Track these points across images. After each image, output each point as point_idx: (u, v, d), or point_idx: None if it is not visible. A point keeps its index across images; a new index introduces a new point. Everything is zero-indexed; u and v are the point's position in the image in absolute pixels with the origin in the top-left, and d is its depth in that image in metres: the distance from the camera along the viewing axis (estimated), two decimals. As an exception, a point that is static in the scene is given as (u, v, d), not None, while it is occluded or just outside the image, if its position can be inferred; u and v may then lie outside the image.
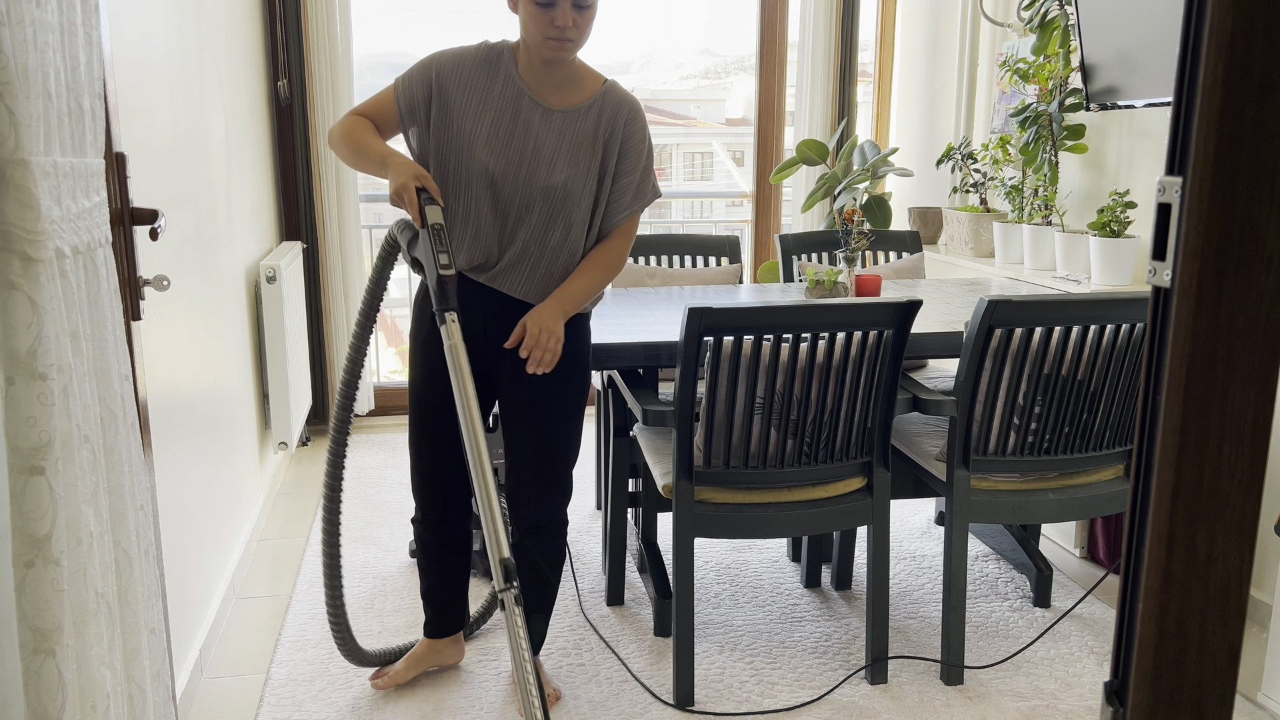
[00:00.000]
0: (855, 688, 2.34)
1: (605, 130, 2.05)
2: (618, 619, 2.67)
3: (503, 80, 2.04)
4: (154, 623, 1.47)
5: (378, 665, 2.38)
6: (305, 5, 3.93)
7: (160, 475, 2.12)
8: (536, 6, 1.93)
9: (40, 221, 1.12)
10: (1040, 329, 2.19)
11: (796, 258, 3.47)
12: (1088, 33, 3.08)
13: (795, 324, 2.07)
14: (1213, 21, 0.57)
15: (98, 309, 1.30)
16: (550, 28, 1.93)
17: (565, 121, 2.03)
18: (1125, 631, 0.68)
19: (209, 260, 2.70)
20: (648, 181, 2.11)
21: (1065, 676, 2.39)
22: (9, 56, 1.06)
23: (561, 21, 1.91)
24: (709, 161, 12.12)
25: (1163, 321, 0.63)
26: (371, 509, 3.44)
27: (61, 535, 1.14)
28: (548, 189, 2.01)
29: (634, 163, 2.08)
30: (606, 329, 2.45)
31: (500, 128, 2.02)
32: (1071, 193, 3.45)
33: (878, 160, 3.90)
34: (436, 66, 2.03)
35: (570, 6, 1.91)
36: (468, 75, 2.03)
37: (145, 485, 1.44)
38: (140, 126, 2.10)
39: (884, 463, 2.29)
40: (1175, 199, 0.61)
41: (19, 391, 1.10)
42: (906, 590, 2.85)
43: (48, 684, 1.12)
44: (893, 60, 4.68)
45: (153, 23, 2.25)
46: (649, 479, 2.73)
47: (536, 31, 1.95)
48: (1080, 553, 3.07)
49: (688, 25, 14.36)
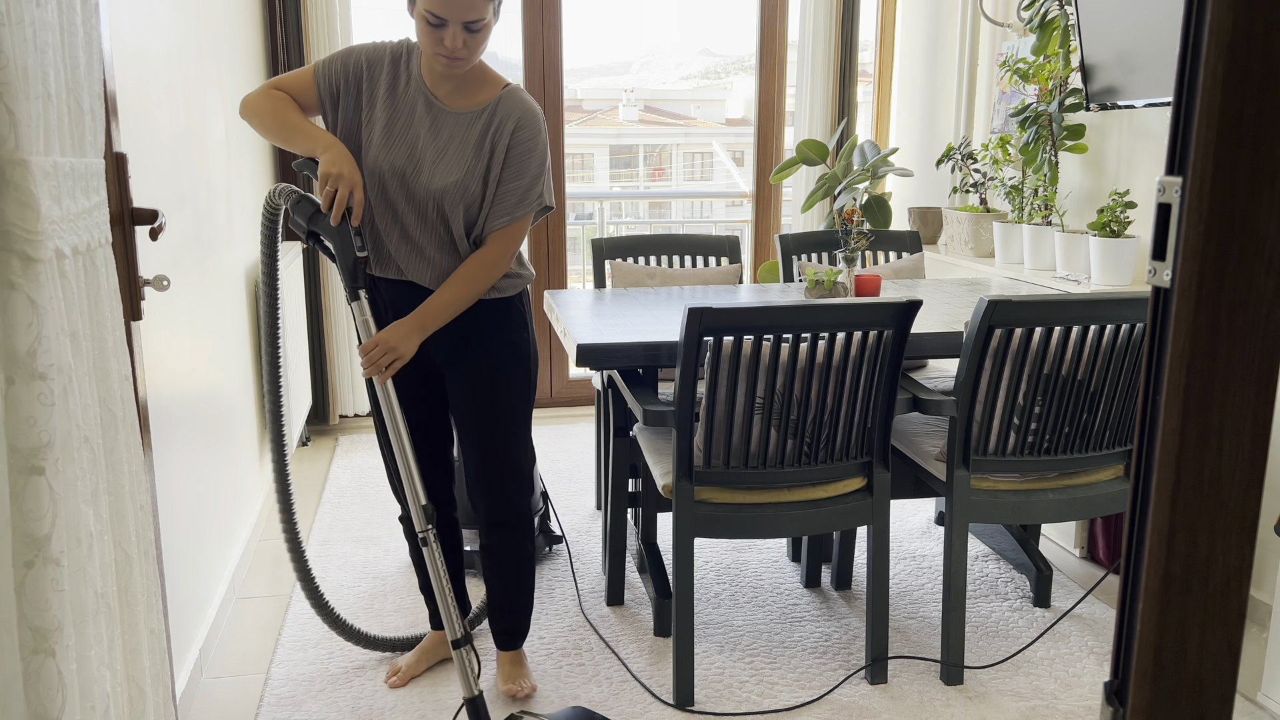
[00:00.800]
0: (855, 688, 2.34)
1: (495, 135, 2.03)
2: (618, 619, 2.67)
3: (405, 78, 2.05)
4: (154, 623, 1.47)
5: (380, 647, 2.46)
6: (305, 5, 3.93)
7: (160, 475, 2.12)
8: (427, 25, 1.92)
9: (40, 221, 1.12)
10: (1040, 329, 2.19)
11: (796, 258, 3.47)
12: (1088, 33, 3.08)
13: (795, 324, 2.07)
14: (1213, 21, 0.57)
15: (98, 309, 1.30)
16: (440, 45, 1.92)
17: (458, 123, 2.04)
18: (1125, 631, 0.68)
19: (209, 260, 2.70)
20: (534, 190, 2.06)
21: (1065, 676, 2.39)
22: (9, 56, 1.06)
23: (451, 44, 1.91)
24: (709, 161, 12.12)
25: (1163, 321, 0.63)
26: (371, 509, 3.44)
27: (61, 535, 1.14)
28: (432, 190, 2.02)
29: (520, 169, 2.05)
30: (606, 329, 2.45)
31: (395, 126, 2.03)
32: (1071, 193, 3.45)
33: (878, 160, 3.90)
34: (357, 57, 2.05)
35: (460, 29, 1.90)
36: (383, 71, 2.05)
37: (145, 485, 1.44)
38: (140, 126, 2.10)
39: (884, 463, 2.29)
40: (1175, 199, 0.61)
41: (19, 391, 1.10)
42: (906, 590, 2.85)
43: (48, 684, 1.12)
44: (893, 60, 4.68)
45: (153, 23, 2.25)
46: (649, 479, 2.73)
47: (428, 46, 1.95)
48: (1080, 553, 3.07)
49: (688, 25, 14.35)
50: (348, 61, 2.04)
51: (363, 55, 2.05)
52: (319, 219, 1.96)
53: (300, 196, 2.00)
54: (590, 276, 3.47)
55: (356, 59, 2.04)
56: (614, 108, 11.54)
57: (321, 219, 1.96)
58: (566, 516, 3.39)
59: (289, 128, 1.99)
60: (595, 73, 12.15)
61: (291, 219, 2.01)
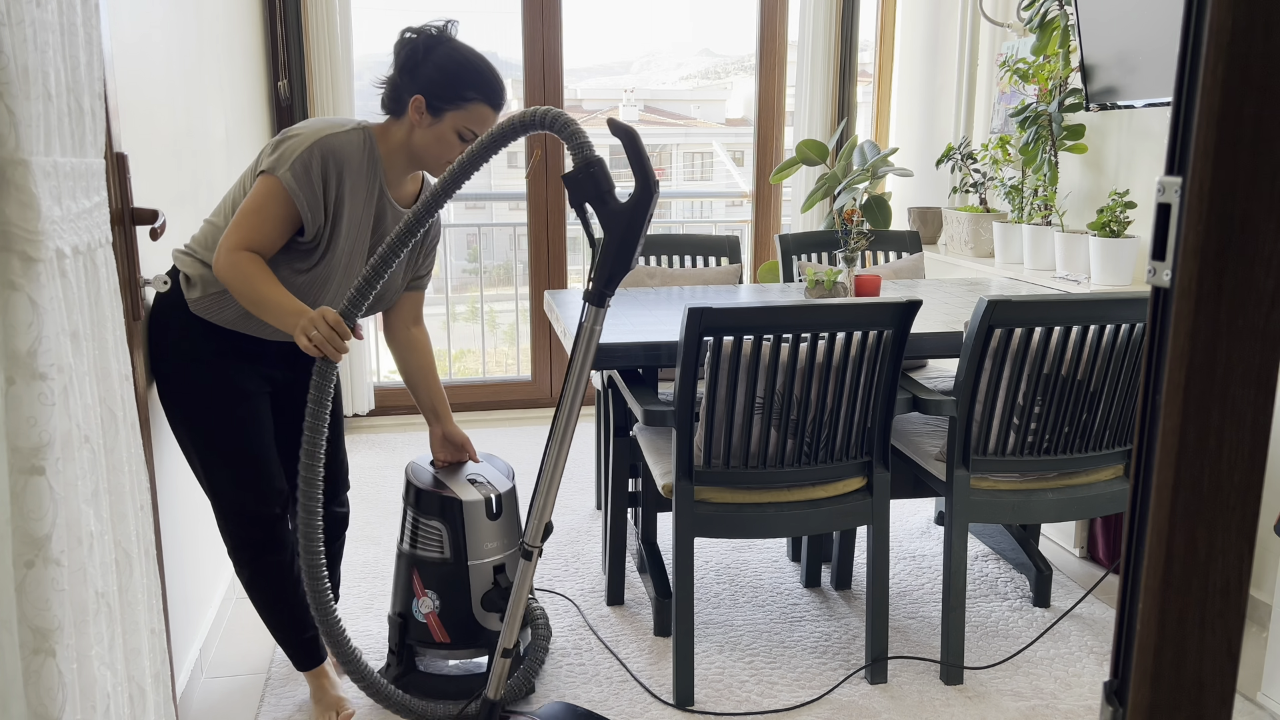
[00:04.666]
0: (855, 687, 2.34)
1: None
2: (618, 619, 2.67)
3: (371, 173, 1.96)
4: (154, 623, 1.47)
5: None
6: (305, 5, 3.93)
7: (160, 475, 2.12)
8: (456, 137, 1.92)
9: (40, 221, 1.12)
10: (1040, 329, 2.19)
11: (796, 258, 3.47)
12: (1087, 33, 3.08)
13: (795, 324, 2.07)
14: (1213, 21, 0.57)
15: (98, 309, 1.30)
16: (454, 152, 1.92)
17: (397, 219, 2.04)
18: (1125, 631, 0.68)
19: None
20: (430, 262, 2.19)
21: (1065, 676, 2.39)
22: (9, 56, 1.06)
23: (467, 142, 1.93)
24: (709, 161, 12.12)
25: (1162, 321, 0.63)
26: (371, 508, 3.44)
27: (61, 535, 1.14)
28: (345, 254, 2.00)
29: (425, 243, 2.15)
30: (606, 329, 2.45)
31: (365, 227, 1.99)
32: (1071, 193, 3.45)
33: (877, 160, 3.90)
34: (334, 160, 1.89)
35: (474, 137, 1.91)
36: (356, 169, 1.93)
37: (145, 485, 1.44)
38: (140, 126, 2.10)
39: (884, 462, 2.29)
40: (1175, 199, 0.61)
41: (19, 391, 1.10)
42: (906, 590, 2.85)
43: (48, 684, 1.12)
44: (893, 60, 4.68)
45: (153, 23, 2.25)
46: (649, 479, 2.73)
47: (440, 154, 1.94)
48: (1080, 553, 3.07)
49: (688, 25, 14.35)
50: (324, 167, 1.87)
51: (337, 155, 1.89)
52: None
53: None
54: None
55: (335, 163, 1.89)
56: (614, 108, 11.53)
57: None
58: (566, 516, 3.39)
59: (261, 305, 1.84)
60: (595, 73, 12.15)
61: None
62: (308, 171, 1.86)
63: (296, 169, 1.85)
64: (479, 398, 4.62)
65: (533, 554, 1.82)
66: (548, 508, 1.79)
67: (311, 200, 1.87)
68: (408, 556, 2.21)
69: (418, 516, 2.19)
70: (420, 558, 2.19)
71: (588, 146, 1.63)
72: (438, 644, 2.20)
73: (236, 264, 1.85)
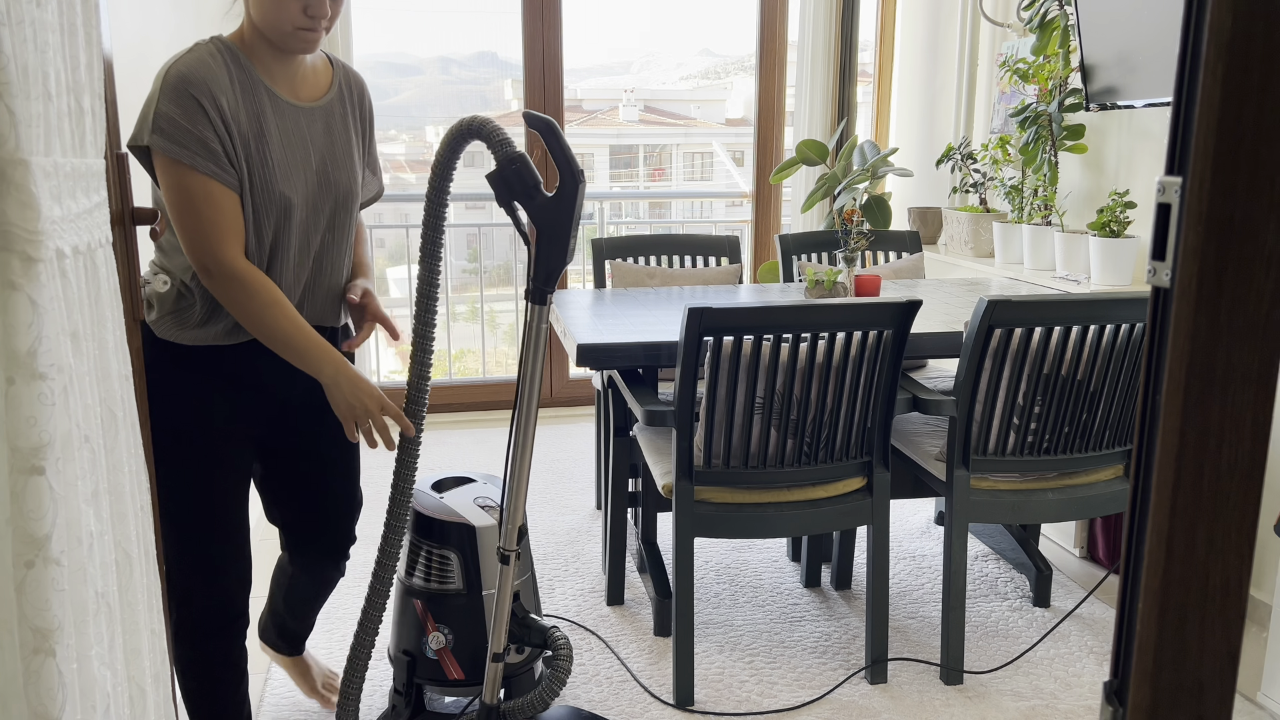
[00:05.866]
0: (855, 687, 2.34)
1: (356, 111, 1.79)
2: (618, 619, 2.67)
3: (253, 88, 1.64)
4: (154, 623, 1.47)
5: None
6: (305, 5, 3.93)
7: (160, 475, 2.12)
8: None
9: (40, 222, 1.12)
10: (1040, 329, 2.19)
11: (796, 258, 3.47)
12: (1087, 33, 3.08)
13: (795, 324, 2.07)
14: (1213, 21, 0.57)
15: (98, 309, 1.30)
16: (302, 17, 1.58)
17: (323, 117, 1.72)
18: (1125, 631, 0.68)
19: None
20: (375, 151, 1.89)
21: (1065, 676, 2.39)
22: (9, 56, 1.06)
23: (316, 12, 1.58)
24: (709, 161, 12.12)
25: (1162, 321, 0.63)
26: (370, 509, 3.44)
27: (61, 535, 1.14)
28: (337, 197, 1.74)
29: (371, 134, 1.85)
30: (606, 329, 2.45)
31: (279, 147, 1.66)
32: (1071, 193, 3.45)
33: (877, 160, 3.90)
34: (205, 93, 1.56)
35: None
36: (226, 85, 1.60)
37: (145, 485, 1.44)
38: (140, 126, 2.09)
39: (884, 463, 2.29)
40: (1175, 199, 0.61)
41: (19, 391, 1.10)
42: (906, 590, 2.85)
43: (48, 684, 1.12)
44: (893, 60, 4.68)
45: (153, 23, 2.25)
46: (649, 479, 2.73)
47: (284, 21, 1.58)
48: (1080, 553, 3.07)
49: (688, 25, 14.35)
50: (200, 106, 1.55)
51: (208, 84, 1.56)
52: None
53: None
54: (590, 276, 3.47)
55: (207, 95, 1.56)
56: (614, 108, 11.54)
57: None
58: (566, 516, 3.39)
59: (287, 345, 1.63)
60: (595, 73, 12.15)
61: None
62: (176, 122, 1.54)
63: (162, 124, 1.54)
64: (479, 398, 4.62)
65: (509, 558, 1.79)
66: (517, 511, 1.79)
67: (203, 150, 1.55)
68: (415, 590, 2.03)
69: (427, 546, 2.02)
70: (429, 590, 2.02)
71: (508, 144, 1.60)
72: (451, 681, 2.03)
73: (231, 292, 1.60)
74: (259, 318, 1.62)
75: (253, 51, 1.65)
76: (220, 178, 1.57)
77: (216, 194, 1.57)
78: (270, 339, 1.63)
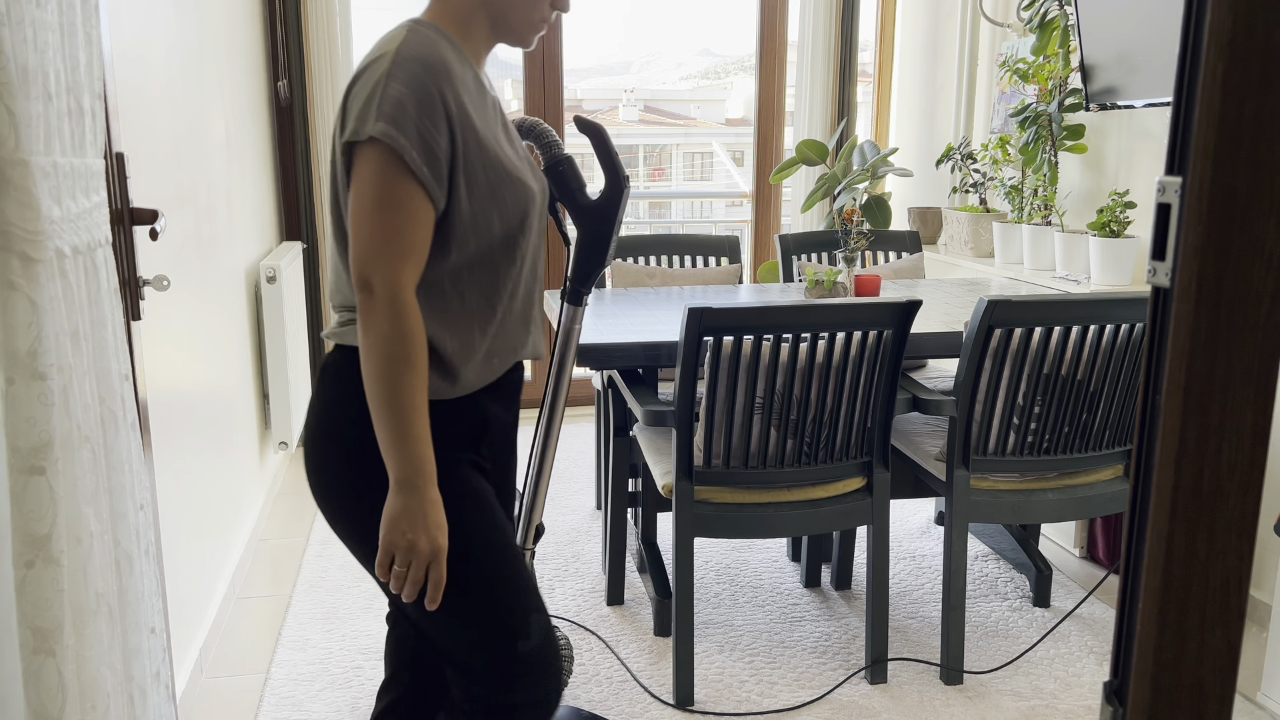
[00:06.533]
0: (855, 687, 2.34)
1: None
2: (618, 619, 2.67)
3: (475, 79, 1.42)
4: (154, 622, 1.47)
5: None
6: (305, 5, 3.93)
7: (160, 475, 2.12)
8: None
9: (40, 221, 1.12)
10: (1040, 329, 2.19)
11: (796, 258, 3.47)
12: (1087, 33, 3.08)
13: (795, 324, 2.07)
14: (1213, 21, 0.57)
15: (98, 309, 1.30)
16: (547, 8, 1.42)
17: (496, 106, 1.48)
18: (1125, 631, 0.68)
19: (209, 260, 2.70)
20: None
21: (1065, 676, 2.39)
22: (9, 56, 1.06)
23: (561, 6, 1.42)
24: (709, 161, 12.13)
25: (1162, 321, 0.63)
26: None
27: (61, 535, 1.14)
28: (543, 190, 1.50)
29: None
30: (606, 329, 2.45)
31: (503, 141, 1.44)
32: (1071, 193, 3.45)
33: (877, 160, 3.90)
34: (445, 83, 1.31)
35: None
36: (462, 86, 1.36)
37: (145, 485, 1.44)
38: (140, 126, 2.10)
39: (884, 463, 2.29)
40: (1175, 199, 0.61)
41: (19, 391, 1.10)
42: (906, 590, 2.85)
43: (48, 684, 1.12)
44: (893, 60, 4.68)
45: (153, 23, 2.25)
46: (649, 479, 2.73)
47: (536, 14, 1.41)
48: (1080, 553, 3.07)
49: (688, 25, 14.36)
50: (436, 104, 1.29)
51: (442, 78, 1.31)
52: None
53: None
54: (590, 276, 3.47)
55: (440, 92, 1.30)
56: (614, 108, 11.54)
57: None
58: (566, 516, 3.39)
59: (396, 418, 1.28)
60: (595, 73, 12.15)
61: None
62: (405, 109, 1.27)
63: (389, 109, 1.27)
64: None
65: (525, 556, 1.78)
66: (537, 509, 1.78)
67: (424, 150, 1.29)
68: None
69: None
70: None
71: (558, 145, 1.56)
72: None
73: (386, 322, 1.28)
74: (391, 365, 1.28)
75: (465, 35, 1.41)
76: (429, 187, 1.29)
77: (417, 203, 1.29)
78: (388, 397, 1.28)
